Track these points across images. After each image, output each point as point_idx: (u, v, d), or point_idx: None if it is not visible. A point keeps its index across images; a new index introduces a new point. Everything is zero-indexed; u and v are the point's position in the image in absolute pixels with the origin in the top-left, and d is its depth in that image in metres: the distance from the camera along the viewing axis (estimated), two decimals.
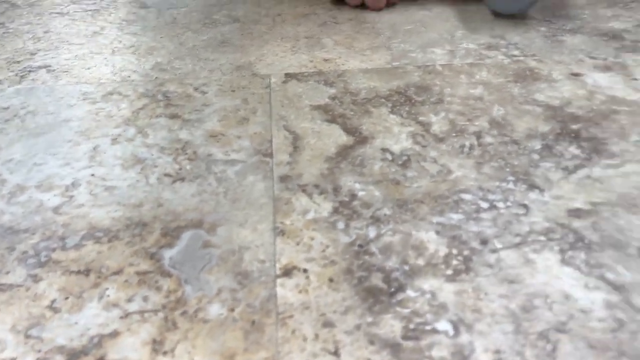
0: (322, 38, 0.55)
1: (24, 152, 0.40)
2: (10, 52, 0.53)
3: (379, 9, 0.60)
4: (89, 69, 0.50)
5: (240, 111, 0.44)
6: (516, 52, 0.51)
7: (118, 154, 0.39)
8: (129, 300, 0.29)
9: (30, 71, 0.50)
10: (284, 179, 0.37)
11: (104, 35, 0.56)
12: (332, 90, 0.46)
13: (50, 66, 0.50)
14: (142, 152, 0.40)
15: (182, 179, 0.37)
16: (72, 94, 0.46)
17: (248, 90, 0.47)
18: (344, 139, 0.41)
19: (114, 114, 0.44)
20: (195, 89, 0.47)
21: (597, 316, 0.27)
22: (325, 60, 0.51)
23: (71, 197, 0.36)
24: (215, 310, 0.28)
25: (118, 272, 0.30)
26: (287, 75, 0.49)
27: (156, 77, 0.49)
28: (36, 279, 0.30)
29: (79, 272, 0.30)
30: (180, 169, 0.38)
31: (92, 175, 0.37)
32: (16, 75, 0.49)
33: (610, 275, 0.30)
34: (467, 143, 0.40)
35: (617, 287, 0.29)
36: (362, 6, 0.60)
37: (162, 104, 0.45)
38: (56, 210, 0.35)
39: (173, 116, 0.44)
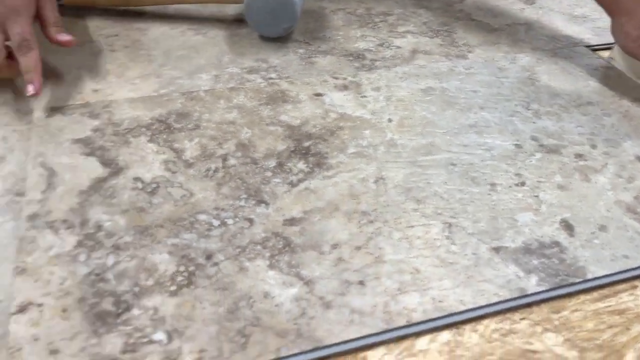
0: (95, 68, 0.57)
1: None
2: None
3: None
4: None
5: None
6: (274, 75, 0.58)
7: None
8: None
9: None
10: (32, 217, 0.39)
11: None
12: (96, 123, 0.49)
13: None
14: None
15: None
16: None
17: (9, 128, 0.48)
18: (99, 171, 0.44)
19: None
20: None
21: (285, 309, 0.35)
22: (95, 91, 0.54)
23: None
24: None
25: None
26: (52, 109, 0.50)
27: None
28: None
29: None
30: None
31: None
32: None
33: (304, 272, 0.37)
34: (213, 166, 0.46)
35: (307, 282, 0.37)
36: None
37: None
38: None
39: None
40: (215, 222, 0.40)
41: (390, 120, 0.52)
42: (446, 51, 0.65)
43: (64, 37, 0.53)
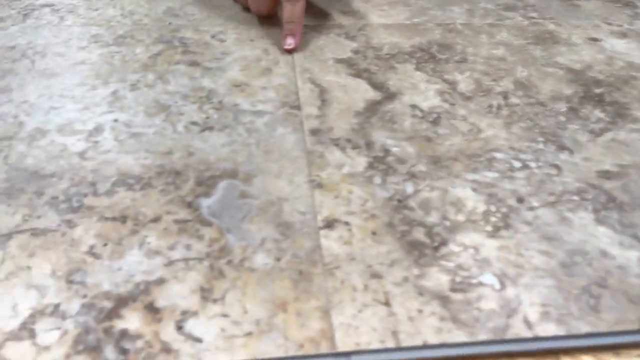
0: None
1: (37, 94, 0.38)
2: None
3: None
4: (96, 10, 0.47)
5: (262, 61, 0.43)
6: (534, 15, 0.51)
7: (140, 100, 0.38)
8: (171, 248, 0.28)
9: (33, 9, 0.47)
10: (315, 132, 0.36)
11: None
12: (354, 45, 0.45)
13: (54, 5, 0.47)
14: (164, 99, 0.38)
15: (211, 128, 0.36)
16: (81, 36, 0.44)
17: (267, 41, 0.45)
18: (371, 94, 0.40)
19: (130, 59, 0.42)
20: (213, 37, 0.45)
21: (634, 272, 0.28)
22: (343, 13, 0.50)
23: (96, 142, 0.34)
24: (260, 259, 0.28)
25: (156, 220, 0.29)
26: (306, 27, 0.47)
27: (170, 23, 0.46)
28: (71, 224, 0.29)
29: (114, 219, 0.29)
30: (207, 117, 0.37)
31: (115, 120, 0.36)
32: (19, 13, 0.46)
33: None
34: (495, 103, 0.40)
35: None
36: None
37: (180, 50, 0.43)
38: (82, 155, 0.33)
39: (192, 63, 0.42)
40: (516, 164, 0.35)
41: None
42: None
43: None
